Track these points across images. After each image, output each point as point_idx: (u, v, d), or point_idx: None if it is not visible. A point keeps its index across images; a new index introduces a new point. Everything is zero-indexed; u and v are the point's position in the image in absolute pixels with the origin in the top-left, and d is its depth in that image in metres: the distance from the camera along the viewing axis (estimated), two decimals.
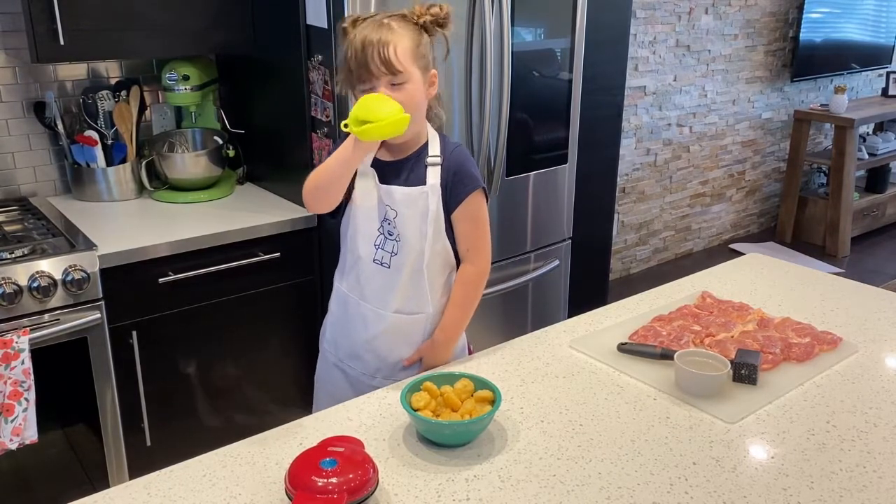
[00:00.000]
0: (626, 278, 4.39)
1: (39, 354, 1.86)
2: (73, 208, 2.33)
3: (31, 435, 1.84)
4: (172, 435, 2.22)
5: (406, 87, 1.44)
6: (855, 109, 4.90)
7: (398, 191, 1.52)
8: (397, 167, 1.54)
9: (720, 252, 4.85)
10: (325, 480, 1.02)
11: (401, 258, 1.53)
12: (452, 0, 2.23)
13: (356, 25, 1.47)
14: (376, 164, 1.55)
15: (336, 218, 1.60)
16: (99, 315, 1.97)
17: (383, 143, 1.53)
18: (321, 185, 1.48)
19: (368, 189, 1.54)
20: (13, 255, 1.90)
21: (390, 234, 1.53)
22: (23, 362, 1.81)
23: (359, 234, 1.56)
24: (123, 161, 2.42)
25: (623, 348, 1.51)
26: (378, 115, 1.37)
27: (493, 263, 2.54)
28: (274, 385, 2.41)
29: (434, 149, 1.54)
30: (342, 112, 2.11)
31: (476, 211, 1.56)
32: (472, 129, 2.38)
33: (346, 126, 1.39)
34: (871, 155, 5.05)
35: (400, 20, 1.47)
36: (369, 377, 1.62)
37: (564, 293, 2.87)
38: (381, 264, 1.54)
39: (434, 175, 1.52)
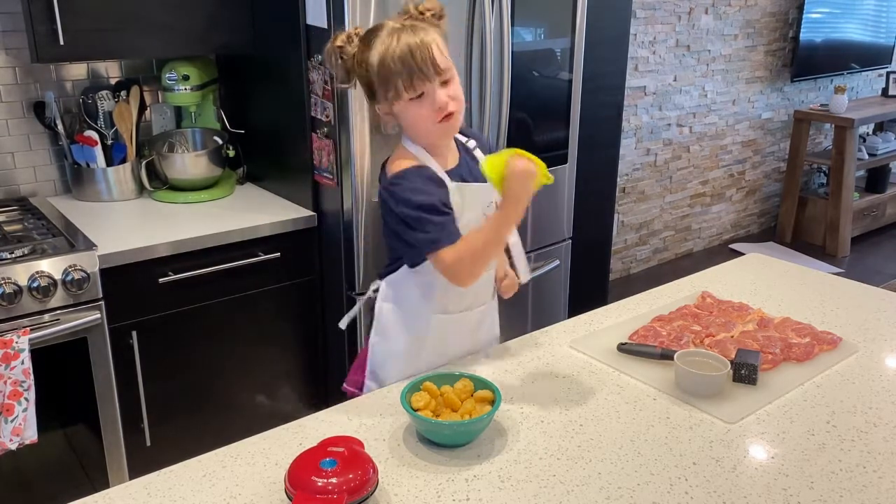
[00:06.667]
0: (626, 278, 4.39)
1: (39, 354, 1.86)
2: (73, 208, 2.33)
3: (31, 435, 1.84)
4: (172, 435, 2.22)
5: (452, 82, 1.40)
6: (855, 109, 4.90)
7: (473, 187, 1.44)
8: (459, 169, 1.47)
9: (720, 252, 4.85)
10: (325, 480, 1.02)
11: None
12: (453, 0, 2.25)
13: (371, 38, 1.38)
14: (449, 173, 1.45)
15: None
16: (99, 315, 1.97)
17: (438, 152, 1.45)
18: (478, 267, 1.39)
19: (466, 200, 1.43)
20: (13, 255, 1.90)
21: None
22: (23, 362, 1.81)
23: None
24: (123, 161, 2.42)
25: (623, 348, 1.51)
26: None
27: None
28: (274, 385, 2.41)
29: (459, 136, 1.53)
30: (342, 112, 2.11)
31: None
32: (471, 128, 2.37)
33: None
34: (871, 155, 5.06)
35: (416, 20, 1.41)
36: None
37: (564, 293, 2.87)
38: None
39: (481, 155, 1.51)
